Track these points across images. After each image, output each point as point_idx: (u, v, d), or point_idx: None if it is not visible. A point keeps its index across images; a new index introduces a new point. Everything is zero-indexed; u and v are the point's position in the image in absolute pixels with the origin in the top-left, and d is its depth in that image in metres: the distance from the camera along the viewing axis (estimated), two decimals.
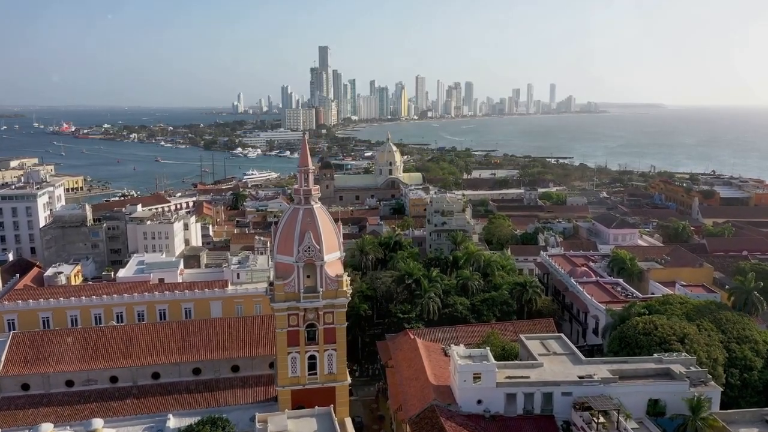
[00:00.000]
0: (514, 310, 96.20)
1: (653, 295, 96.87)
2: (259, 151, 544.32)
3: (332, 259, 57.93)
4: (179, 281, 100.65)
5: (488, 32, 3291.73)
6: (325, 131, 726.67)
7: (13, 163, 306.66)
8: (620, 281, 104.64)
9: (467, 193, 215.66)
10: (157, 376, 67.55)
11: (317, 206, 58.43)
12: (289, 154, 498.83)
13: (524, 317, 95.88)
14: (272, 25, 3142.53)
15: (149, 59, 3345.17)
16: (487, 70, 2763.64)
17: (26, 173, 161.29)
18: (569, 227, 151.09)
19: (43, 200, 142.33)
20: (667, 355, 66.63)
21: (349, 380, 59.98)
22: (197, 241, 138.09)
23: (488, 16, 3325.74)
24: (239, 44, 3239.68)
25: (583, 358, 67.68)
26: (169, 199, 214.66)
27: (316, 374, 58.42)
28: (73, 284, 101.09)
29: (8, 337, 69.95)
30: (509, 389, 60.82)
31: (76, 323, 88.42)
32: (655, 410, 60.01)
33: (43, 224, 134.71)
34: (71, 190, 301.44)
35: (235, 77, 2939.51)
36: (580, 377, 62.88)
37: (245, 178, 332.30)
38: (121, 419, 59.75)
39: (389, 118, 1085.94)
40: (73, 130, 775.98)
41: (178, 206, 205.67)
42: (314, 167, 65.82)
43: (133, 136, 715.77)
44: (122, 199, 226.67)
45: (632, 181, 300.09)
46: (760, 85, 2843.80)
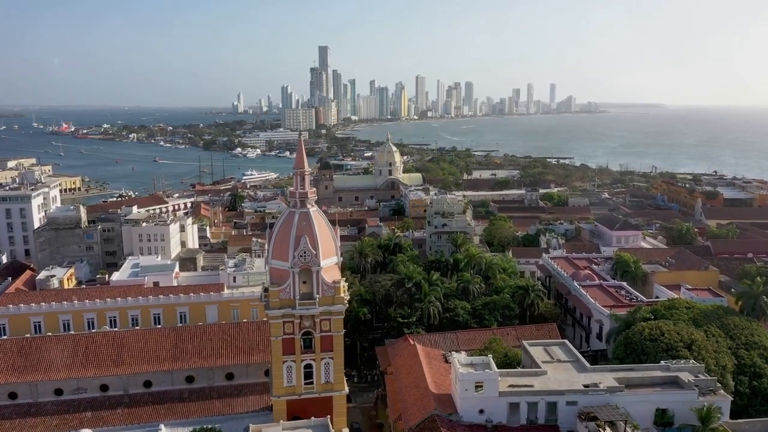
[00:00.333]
0: (515, 314, 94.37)
1: (658, 299, 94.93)
2: (258, 151, 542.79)
3: (329, 264, 55.96)
4: (174, 285, 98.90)
5: (488, 32, 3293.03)
6: (324, 131, 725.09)
7: (10, 163, 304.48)
8: (624, 284, 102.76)
9: (467, 193, 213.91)
10: (149, 384, 65.64)
11: (313, 209, 56.46)
12: (288, 154, 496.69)
13: (526, 321, 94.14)
14: (272, 25, 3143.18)
15: (149, 59, 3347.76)
16: (487, 70, 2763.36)
17: (21, 174, 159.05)
18: (571, 229, 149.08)
19: (37, 201, 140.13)
20: (674, 362, 64.78)
21: (346, 390, 58.02)
22: (194, 243, 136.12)
23: (488, 16, 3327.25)
24: (239, 44, 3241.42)
25: (588, 365, 65.80)
26: (166, 199, 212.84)
27: (312, 384, 56.44)
28: (65, 288, 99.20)
29: None
30: (512, 398, 59.03)
31: (68, 328, 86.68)
32: (662, 420, 58.16)
33: (37, 226, 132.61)
34: (69, 190, 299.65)
35: (235, 77, 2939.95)
36: (585, 386, 61.02)
37: (244, 178, 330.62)
38: (111, 429, 58.24)
39: (389, 118, 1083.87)
40: (72, 130, 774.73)
41: (175, 207, 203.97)
42: (311, 169, 63.92)
43: (132, 136, 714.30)
44: (120, 199, 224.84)
45: (633, 181, 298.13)
46: (760, 85, 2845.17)
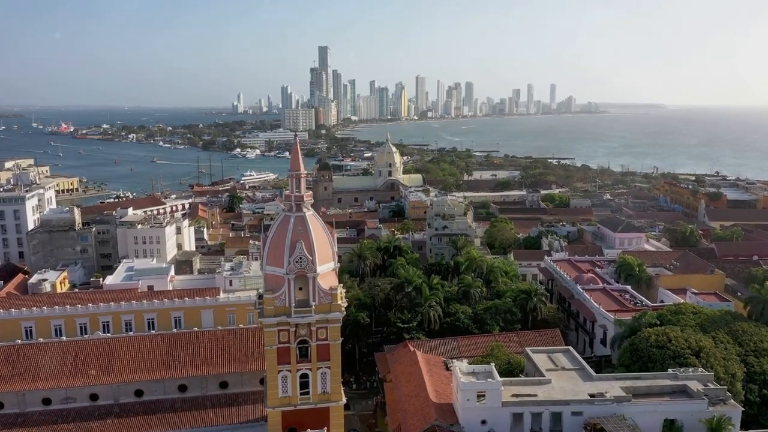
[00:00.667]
0: (518, 318, 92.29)
1: (663, 303, 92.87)
2: (257, 151, 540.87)
3: (326, 270, 53.85)
4: (169, 289, 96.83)
5: (488, 32, 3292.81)
6: (324, 132, 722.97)
7: (8, 164, 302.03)
8: (628, 288, 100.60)
9: (468, 195, 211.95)
10: (140, 393, 63.46)
11: (309, 213, 54.32)
12: (288, 154, 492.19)
13: (528, 326, 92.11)
14: (272, 25, 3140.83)
15: (149, 59, 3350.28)
16: (487, 70, 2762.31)
17: (15, 175, 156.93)
18: (573, 231, 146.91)
19: (32, 203, 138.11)
20: (682, 370, 62.72)
21: (344, 400, 55.92)
22: (190, 245, 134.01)
23: (488, 16, 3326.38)
24: (239, 44, 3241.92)
25: (593, 374, 63.74)
26: (164, 201, 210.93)
27: (308, 394, 54.35)
28: (58, 292, 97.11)
29: None
30: (516, 409, 57.08)
31: (60, 333, 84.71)
32: (671, 431, 56.05)
33: (32, 227, 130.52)
34: (67, 191, 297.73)
35: (235, 77, 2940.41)
36: (591, 395, 59.02)
37: (243, 179, 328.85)
38: None
39: (389, 118, 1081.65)
40: (71, 130, 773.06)
41: (173, 208, 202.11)
42: (308, 171, 61.68)
43: (131, 136, 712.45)
44: (117, 201, 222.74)
45: (635, 182, 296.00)
46: (760, 85, 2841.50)
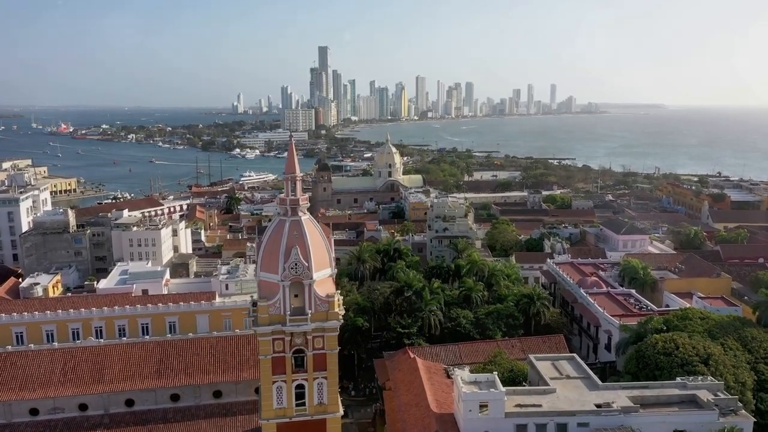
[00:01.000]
0: (520, 323, 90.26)
1: (669, 308, 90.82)
2: (257, 152, 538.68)
3: (322, 276, 51.81)
4: (164, 293, 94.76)
5: (488, 32, 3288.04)
6: (324, 132, 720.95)
7: (5, 164, 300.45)
8: (632, 292, 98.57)
9: (469, 196, 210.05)
10: (131, 403, 61.50)
11: (305, 217, 52.25)
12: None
13: (531, 331, 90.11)
14: (272, 25, 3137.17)
15: (149, 59, 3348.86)
16: (487, 70, 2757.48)
17: (9, 176, 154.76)
18: (576, 233, 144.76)
19: (26, 205, 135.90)
20: (691, 379, 60.70)
21: (341, 411, 53.86)
22: (187, 247, 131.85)
23: (488, 16, 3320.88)
24: (239, 44, 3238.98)
25: (599, 382, 61.75)
26: (162, 202, 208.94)
27: (304, 405, 52.28)
28: (50, 296, 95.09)
29: None
30: (519, 420, 55.10)
31: (52, 339, 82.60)
32: None
33: (26, 230, 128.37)
34: (64, 191, 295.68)
35: (235, 77, 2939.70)
36: (597, 405, 57.02)
37: (242, 179, 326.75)
38: None
39: (389, 118, 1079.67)
40: (71, 130, 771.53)
41: (171, 209, 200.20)
42: (307, 171, 59.48)
43: (131, 136, 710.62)
44: (114, 202, 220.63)
45: (637, 183, 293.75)
46: (760, 85, 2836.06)
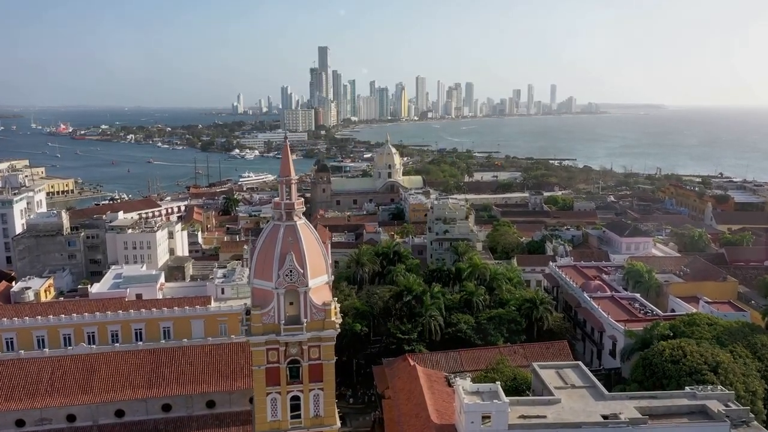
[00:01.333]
0: (522, 329, 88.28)
1: (674, 312, 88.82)
2: (256, 152, 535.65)
3: (318, 284, 49.77)
4: (158, 297, 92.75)
5: (488, 32, 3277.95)
6: (324, 132, 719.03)
7: (1, 165, 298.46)
8: (637, 296, 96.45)
9: (469, 197, 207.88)
10: (121, 413, 59.50)
11: (301, 222, 50.22)
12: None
13: (534, 336, 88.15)
14: (272, 25, 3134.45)
15: (149, 60, 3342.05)
16: (487, 70, 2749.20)
17: (3, 177, 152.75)
18: (578, 235, 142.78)
19: (20, 206, 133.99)
20: (701, 388, 58.57)
21: (338, 424, 51.86)
22: (183, 250, 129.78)
23: (488, 16, 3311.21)
24: (239, 44, 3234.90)
25: (605, 392, 59.49)
26: (159, 203, 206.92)
27: (300, 418, 50.29)
28: (42, 300, 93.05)
29: None
30: None
31: (43, 345, 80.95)
32: None
33: (20, 232, 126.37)
34: (62, 192, 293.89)
35: (235, 77, 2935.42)
36: (604, 417, 54.79)
37: (241, 180, 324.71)
38: None
39: (389, 118, 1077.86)
40: (70, 131, 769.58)
41: (168, 210, 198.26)
42: (306, 172, 57.33)
43: (130, 137, 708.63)
44: (111, 203, 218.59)
45: (638, 183, 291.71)
46: (760, 85, 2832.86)
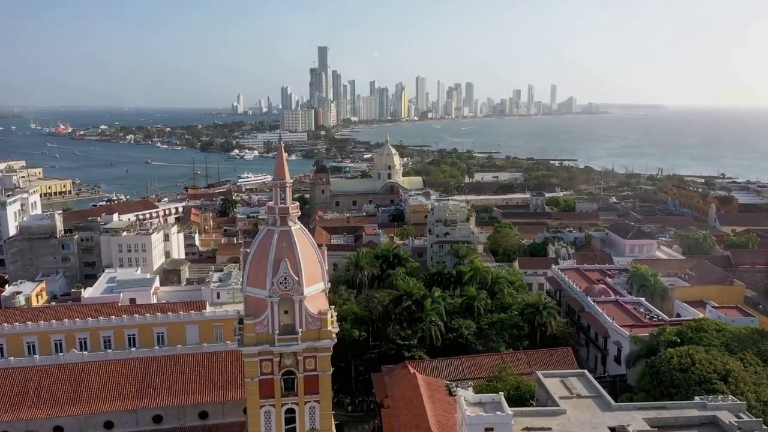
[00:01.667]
0: (525, 334, 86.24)
1: (680, 317, 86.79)
2: (256, 152, 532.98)
3: (314, 292, 47.69)
4: (152, 302, 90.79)
5: (488, 32, 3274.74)
6: (324, 132, 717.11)
7: None
8: (642, 301, 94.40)
9: (470, 198, 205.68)
10: (110, 425, 57.55)
11: (296, 227, 48.12)
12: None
13: (536, 342, 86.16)
14: (272, 25, 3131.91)
15: (149, 60, 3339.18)
16: (487, 70, 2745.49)
17: None
18: (581, 237, 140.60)
19: (14, 208, 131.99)
20: (711, 398, 56.55)
21: None
22: (179, 252, 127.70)
23: (488, 16, 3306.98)
24: (239, 44, 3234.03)
25: (612, 402, 57.47)
26: (157, 204, 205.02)
27: (295, 431, 48.17)
28: (33, 305, 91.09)
29: None
30: None
31: (33, 351, 79.03)
32: None
33: (13, 234, 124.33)
34: (59, 193, 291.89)
35: (234, 78, 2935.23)
36: (611, 429, 52.78)
37: (240, 181, 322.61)
38: None
39: (389, 119, 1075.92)
40: (69, 131, 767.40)
41: (166, 212, 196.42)
42: (302, 174, 55.27)
43: (129, 137, 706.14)
44: (108, 204, 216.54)
45: (640, 184, 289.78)
46: (760, 85, 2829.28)
